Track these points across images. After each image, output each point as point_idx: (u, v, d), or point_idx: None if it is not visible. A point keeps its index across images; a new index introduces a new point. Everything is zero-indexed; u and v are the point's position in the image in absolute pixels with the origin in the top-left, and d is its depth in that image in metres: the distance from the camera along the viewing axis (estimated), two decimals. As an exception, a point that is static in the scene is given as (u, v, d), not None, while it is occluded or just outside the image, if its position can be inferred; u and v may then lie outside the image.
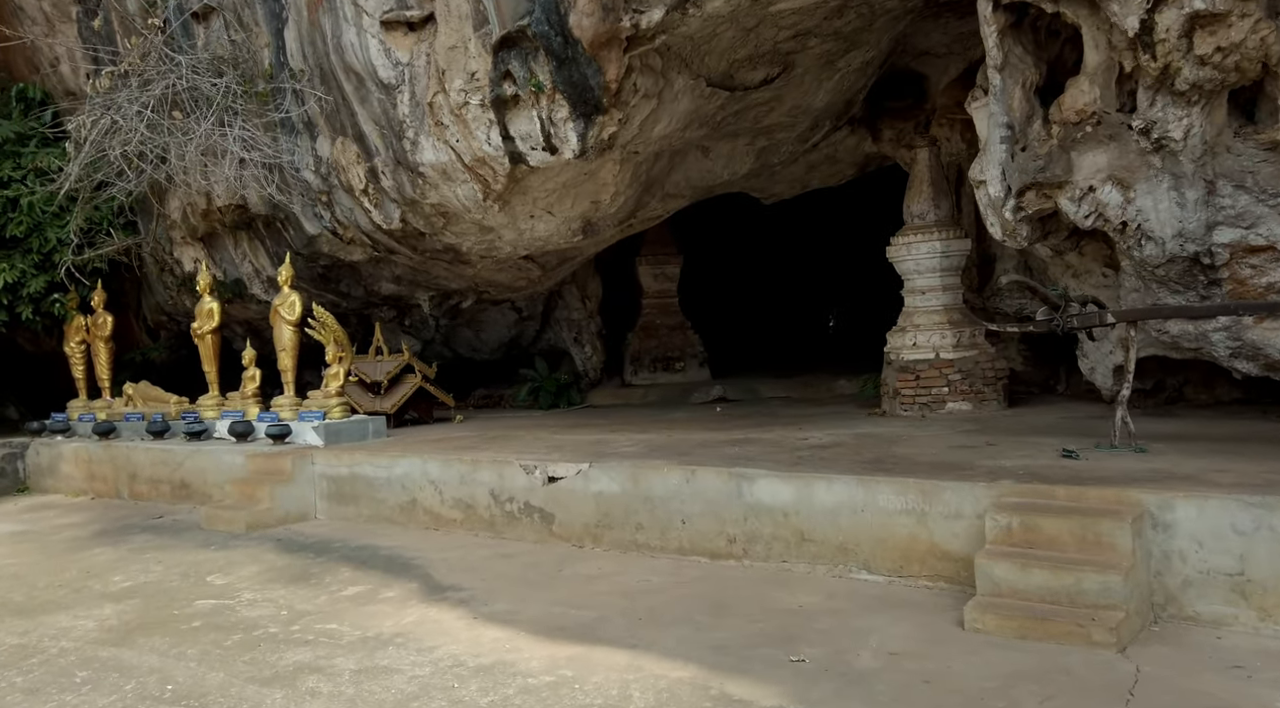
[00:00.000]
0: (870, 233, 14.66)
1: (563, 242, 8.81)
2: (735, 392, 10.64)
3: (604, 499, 6.02)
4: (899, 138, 9.11)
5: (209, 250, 10.68)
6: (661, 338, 11.73)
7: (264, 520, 7.34)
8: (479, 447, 7.54)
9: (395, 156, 8.26)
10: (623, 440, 7.44)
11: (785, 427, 7.65)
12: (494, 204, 8.19)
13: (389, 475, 7.19)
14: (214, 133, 9.00)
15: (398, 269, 10.22)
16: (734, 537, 5.44)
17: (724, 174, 8.97)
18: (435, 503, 6.93)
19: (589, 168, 7.83)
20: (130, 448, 9.14)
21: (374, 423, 8.54)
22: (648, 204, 8.93)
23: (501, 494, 6.55)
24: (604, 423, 9.03)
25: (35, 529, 8.05)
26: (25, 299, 10.39)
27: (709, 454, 6.30)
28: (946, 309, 7.80)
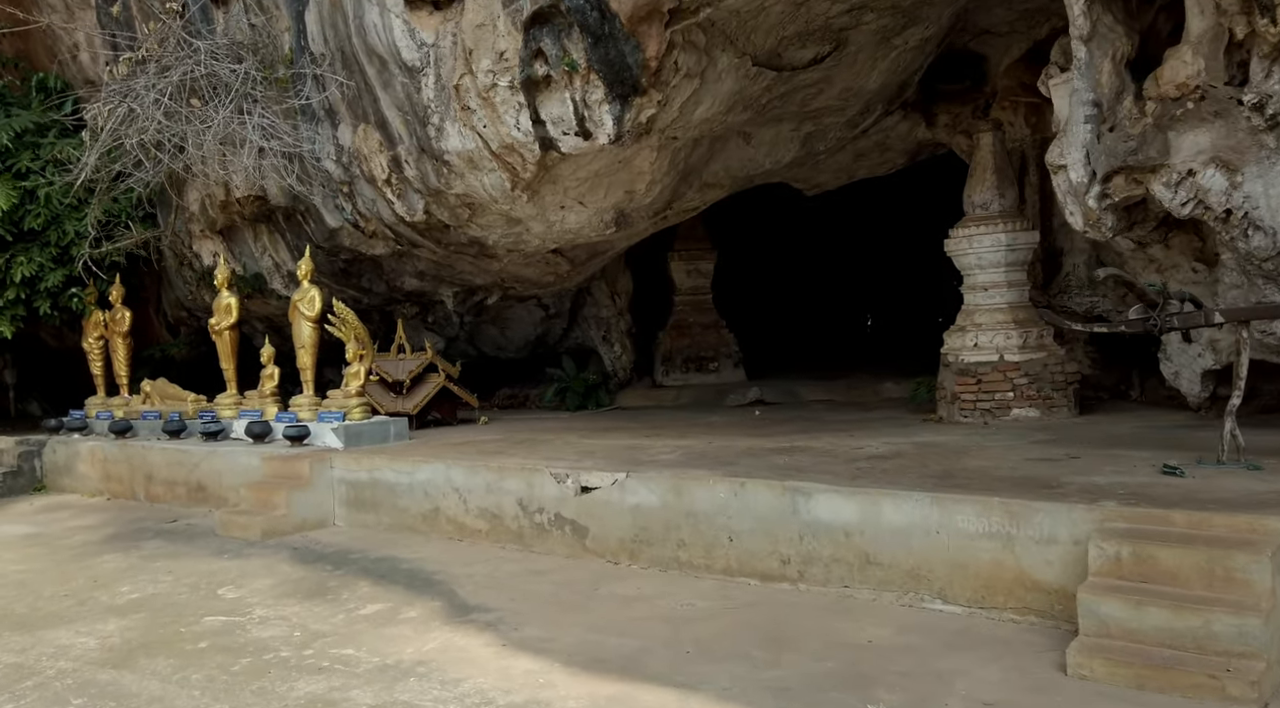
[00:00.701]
0: (911, 227, 14.12)
1: (594, 234, 8.32)
2: (773, 394, 10.10)
3: (642, 513, 5.53)
4: (955, 123, 8.51)
5: (228, 244, 10.34)
6: (694, 337, 11.21)
7: (280, 527, 6.94)
8: (506, 452, 7.08)
9: (419, 144, 7.83)
10: (659, 447, 6.95)
11: (835, 434, 7.11)
12: (522, 194, 7.73)
13: (411, 482, 6.76)
14: (233, 121, 8.63)
15: (421, 264, 9.81)
16: (788, 558, 4.92)
17: (766, 162, 8.43)
18: (459, 512, 6.48)
19: (624, 155, 7.34)
20: (146, 448, 8.81)
21: (395, 425, 8.12)
22: (684, 194, 8.42)
23: (531, 505, 6.08)
24: (636, 427, 8.54)
25: (47, 532, 7.72)
26: (43, 293, 10.12)
27: (756, 464, 5.78)
28: (1011, 307, 7.21)
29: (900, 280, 15.04)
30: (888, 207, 13.27)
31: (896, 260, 14.71)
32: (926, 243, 14.11)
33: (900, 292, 15.48)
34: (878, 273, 15.55)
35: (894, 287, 15.35)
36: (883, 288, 15.92)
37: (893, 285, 15.39)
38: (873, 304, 16.48)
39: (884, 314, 16.44)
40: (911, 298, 15.60)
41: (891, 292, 15.64)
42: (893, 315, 15.89)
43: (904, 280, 14.85)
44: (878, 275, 15.62)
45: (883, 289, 15.96)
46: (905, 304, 15.63)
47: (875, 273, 15.57)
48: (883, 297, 16.23)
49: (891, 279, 15.30)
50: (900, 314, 15.80)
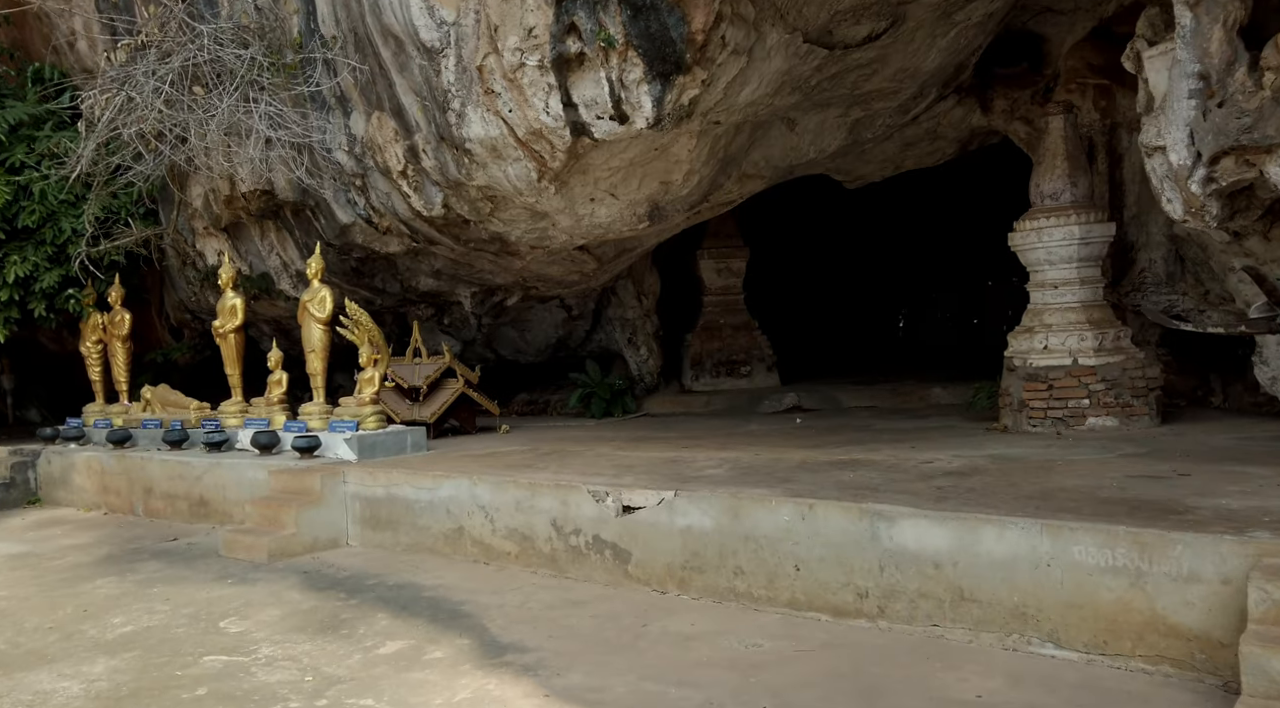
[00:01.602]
0: (952, 223, 13.52)
1: (625, 229, 7.74)
2: (811, 400, 9.49)
3: (694, 536, 4.94)
4: (1013, 109, 7.91)
5: (233, 242, 9.80)
6: (725, 339, 10.61)
7: (289, 548, 6.37)
8: (534, 465, 6.50)
9: (438, 132, 7.26)
10: (702, 460, 6.36)
11: (893, 445, 6.51)
12: (550, 185, 7.15)
13: (432, 499, 6.18)
14: (238, 110, 8.08)
15: (438, 262, 9.24)
16: (865, 591, 4.32)
17: (810, 151, 7.84)
18: (486, 533, 5.90)
19: (661, 141, 6.76)
20: (145, 459, 8.26)
21: (413, 434, 7.55)
22: (722, 186, 7.83)
23: (566, 525, 5.49)
24: (671, 436, 7.95)
25: (38, 551, 7.17)
26: (38, 294, 9.59)
27: (817, 481, 5.19)
28: (1085, 306, 6.59)
29: (938, 279, 14.43)
30: (926, 201, 12.64)
31: (934, 258, 14.09)
32: (970, 239, 13.61)
33: (929, 292, 14.87)
34: (913, 272, 14.90)
35: (931, 286, 14.71)
36: (918, 288, 15.27)
37: (929, 285, 14.75)
38: (906, 305, 15.83)
39: (918, 315, 15.80)
40: (942, 299, 15.00)
41: (928, 292, 15.00)
42: (923, 317, 15.27)
43: (942, 279, 14.25)
44: (913, 274, 14.96)
45: (918, 289, 15.31)
46: (941, 305, 15.02)
47: (910, 272, 14.92)
48: (917, 297, 15.59)
49: (928, 278, 14.67)
50: (931, 316, 15.20)
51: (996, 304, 14.23)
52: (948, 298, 15.13)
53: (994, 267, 14.65)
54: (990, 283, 14.48)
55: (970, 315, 14.99)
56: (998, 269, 14.72)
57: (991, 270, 14.49)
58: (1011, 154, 8.78)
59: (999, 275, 14.61)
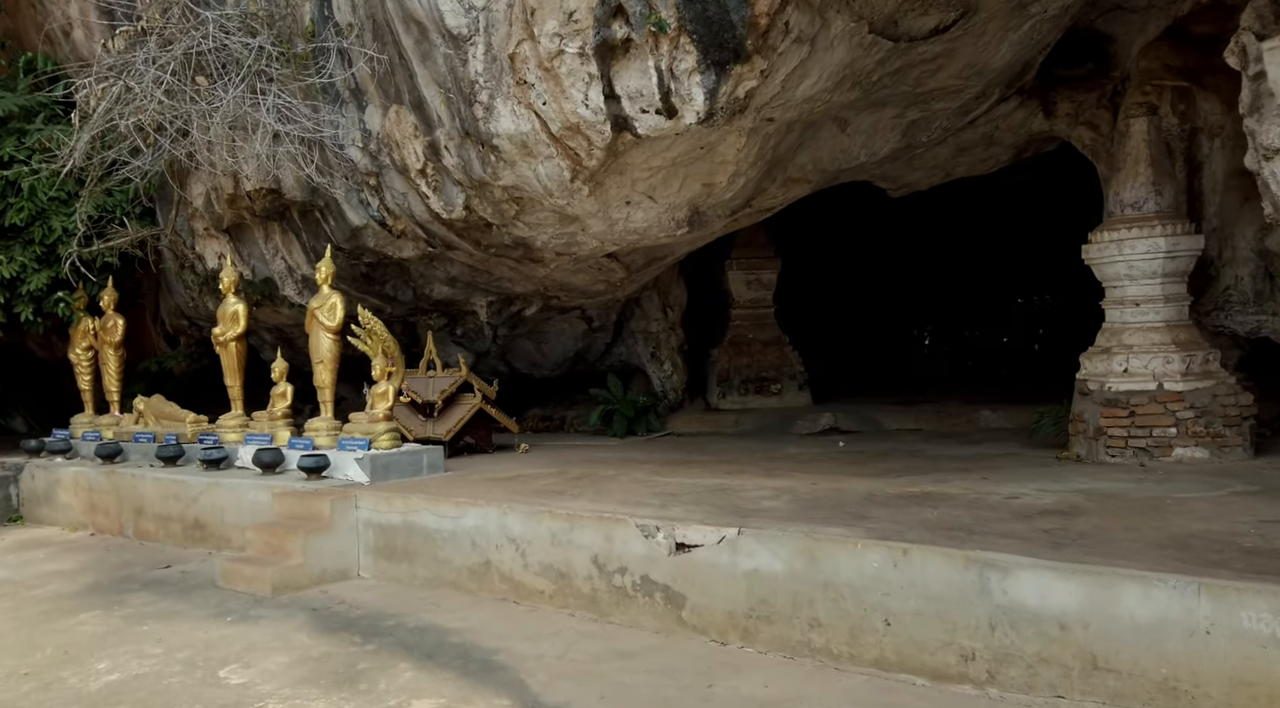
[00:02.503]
0: (979, 238, 13.01)
1: (662, 235, 7.19)
2: (848, 421, 8.92)
3: (762, 581, 4.35)
4: (1077, 113, 7.39)
5: (235, 244, 9.21)
6: (754, 355, 10.04)
7: (295, 580, 5.75)
8: (566, 491, 5.91)
9: (462, 127, 6.71)
10: (752, 488, 5.77)
11: (961, 476, 5.94)
12: (583, 186, 6.59)
13: (455, 528, 5.57)
14: (244, 102, 7.51)
15: (454, 269, 8.67)
16: (971, 652, 3.73)
17: (861, 155, 7.31)
18: (516, 568, 5.29)
19: (708, 139, 6.21)
20: (137, 477, 7.63)
21: (429, 454, 6.94)
22: (766, 190, 7.29)
23: (609, 563, 4.90)
24: (707, 459, 7.36)
25: (16, 578, 6.53)
26: (25, 297, 8.97)
27: (897, 519, 4.61)
28: (1169, 325, 6.05)
29: (966, 296, 13.90)
30: (959, 214, 12.11)
31: (963, 273, 13.55)
32: (1000, 254, 13.11)
33: (955, 309, 14.33)
34: (941, 287, 14.35)
35: (948, 304, 14.17)
36: (944, 304, 14.72)
37: (956, 302, 14.21)
38: (927, 322, 15.29)
39: (940, 333, 15.25)
40: (969, 316, 14.46)
41: (945, 309, 14.45)
42: (950, 335, 14.73)
43: (970, 296, 13.72)
44: (940, 290, 14.41)
45: (944, 305, 14.77)
46: (960, 322, 14.49)
47: (938, 287, 14.38)
48: (943, 314, 15.04)
49: (955, 295, 14.12)
50: (956, 333, 14.66)
51: (1027, 322, 13.75)
52: (975, 315, 14.62)
53: (1024, 284, 14.17)
54: (1020, 300, 13.99)
55: (999, 334, 14.47)
56: (1028, 286, 14.24)
57: (1021, 288, 14.02)
58: (1072, 162, 8.28)
59: (1029, 293, 14.13)
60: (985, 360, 14.13)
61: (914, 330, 15.12)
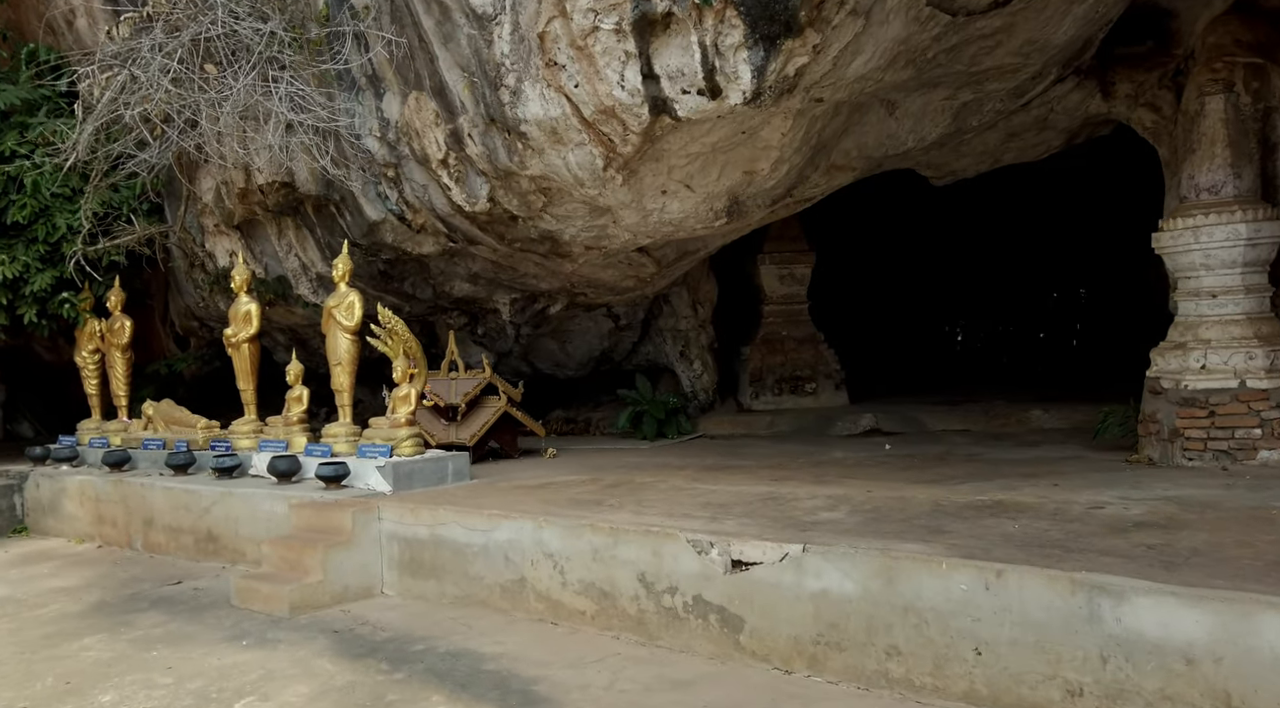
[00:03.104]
0: (1016, 230, 12.55)
1: (700, 226, 6.77)
2: (890, 422, 8.49)
3: (831, 604, 3.93)
4: (1137, 93, 6.94)
5: (247, 241, 8.83)
6: (788, 353, 9.62)
7: (314, 599, 5.37)
8: (604, 501, 5.50)
9: (487, 113, 6.31)
10: (804, 497, 5.36)
11: (1029, 481, 5.51)
12: (616, 174, 6.19)
13: (487, 542, 5.18)
14: (255, 90, 7.13)
15: (476, 265, 8.28)
16: (1079, 687, 3.31)
17: (908, 140, 6.88)
18: (554, 586, 4.89)
19: (751, 123, 5.80)
20: (146, 486, 7.26)
21: (454, 462, 6.55)
22: (808, 178, 6.87)
23: (657, 582, 4.49)
24: (748, 464, 6.95)
25: (18, 596, 6.17)
26: (29, 298, 8.62)
27: (976, 533, 4.19)
28: (1250, 318, 5.60)
29: (1000, 290, 13.43)
30: (995, 205, 11.64)
31: (999, 267, 13.07)
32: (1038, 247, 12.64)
33: (989, 305, 13.86)
34: (976, 281, 13.86)
35: (992, 297, 13.68)
36: (979, 298, 14.24)
37: (992, 296, 13.73)
38: (960, 319, 14.81)
39: (973, 329, 14.78)
40: (1005, 312, 13.97)
41: (989, 303, 13.96)
42: (983, 331, 14.27)
43: (1004, 290, 13.26)
44: (975, 284, 13.93)
45: (979, 299, 14.29)
46: (997, 319, 14.03)
47: (973, 280, 13.89)
48: (970, 310, 14.57)
49: (990, 288, 13.64)
50: (991, 330, 14.21)
51: (1063, 317, 13.28)
52: (1008, 310, 14.15)
53: (1059, 277, 13.69)
54: (1055, 294, 13.52)
55: (1035, 329, 14.00)
56: (1063, 280, 13.75)
57: (1056, 281, 13.54)
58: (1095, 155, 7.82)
59: (1064, 287, 13.66)
60: (1021, 356, 13.67)
61: (945, 326, 14.65)
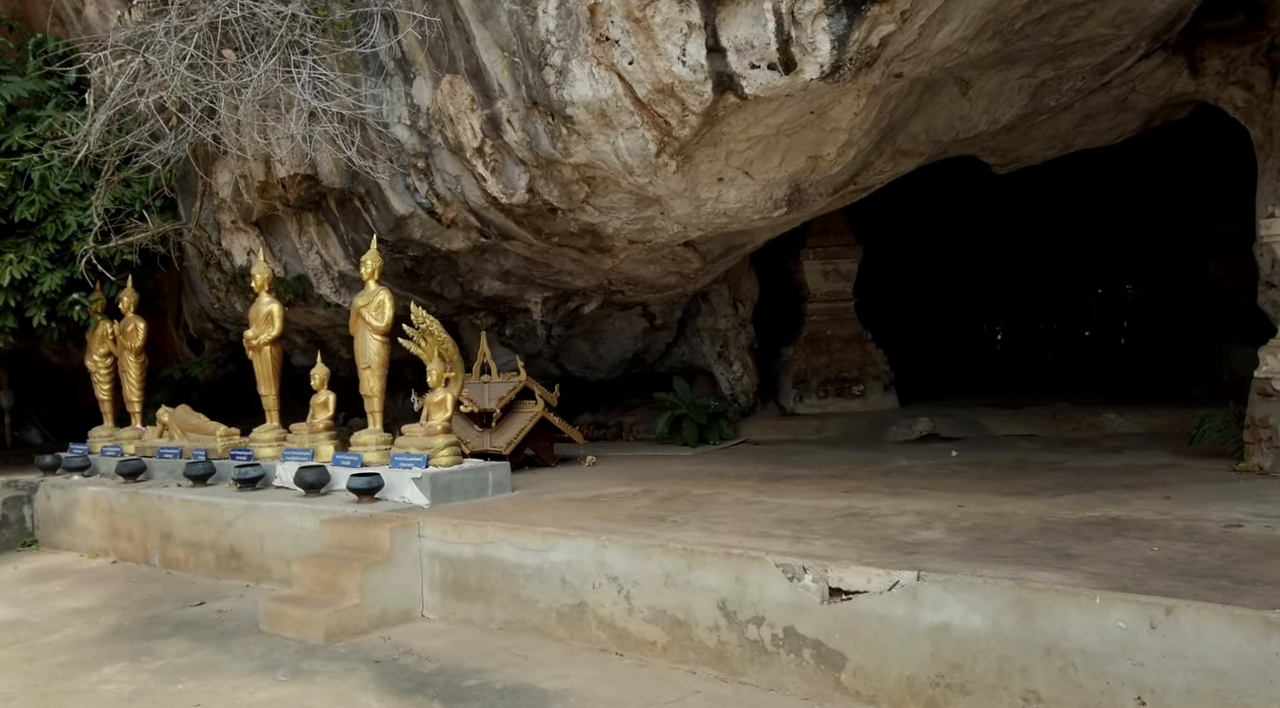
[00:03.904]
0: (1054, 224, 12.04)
1: (757, 216, 6.29)
2: (948, 427, 7.99)
3: (954, 640, 3.44)
4: (1228, 70, 6.45)
5: (266, 238, 8.38)
6: (833, 353, 9.13)
7: (352, 624, 4.90)
8: (666, 516, 5.02)
9: (529, 96, 5.84)
10: (889, 512, 4.87)
11: (1135, 493, 5.01)
12: (670, 161, 5.71)
13: (541, 564, 4.70)
14: (276, 77, 6.68)
15: (508, 262, 7.81)
16: (1270, 742, 2.82)
17: (981, 122, 6.39)
18: (619, 613, 4.41)
19: (821, 102, 5.31)
20: (163, 498, 6.81)
21: (494, 472, 6.08)
22: (873, 164, 6.39)
23: (741, 611, 4.01)
24: (809, 473, 6.46)
25: (30, 619, 5.71)
26: (38, 300, 8.18)
27: (1113, 558, 3.70)
28: (1375, 313, 5.10)
29: (1043, 286, 12.91)
30: (1040, 197, 11.12)
31: (1043, 261, 12.54)
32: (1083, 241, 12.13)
33: (1051, 299, 13.27)
34: (1018, 276, 13.31)
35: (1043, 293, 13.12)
36: (1027, 295, 13.68)
37: (1033, 292, 13.20)
38: (999, 317, 14.27)
39: (1012, 328, 14.24)
40: (1062, 307, 13.38)
41: (1038, 299, 13.40)
42: (1023, 330, 13.75)
43: (1048, 285, 12.75)
44: (1018, 279, 13.38)
45: (1027, 296, 13.72)
46: (1053, 314, 13.47)
47: (1015, 276, 13.34)
48: (1008, 308, 14.03)
49: (1033, 284, 13.11)
50: (1031, 329, 13.69)
51: (1108, 315, 12.77)
52: (1050, 308, 13.63)
53: (1104, 274, 13.16)
54: (1100, 290, 13.00)
55: (1079, 327, 13.47)
56: (1108, 277, 13.22)
57: (1101, 278, 13.01)
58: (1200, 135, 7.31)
59: (1109, 284, 13.13)
60: (1065, 356, 13.15)
61: (983, 324, 14.13)
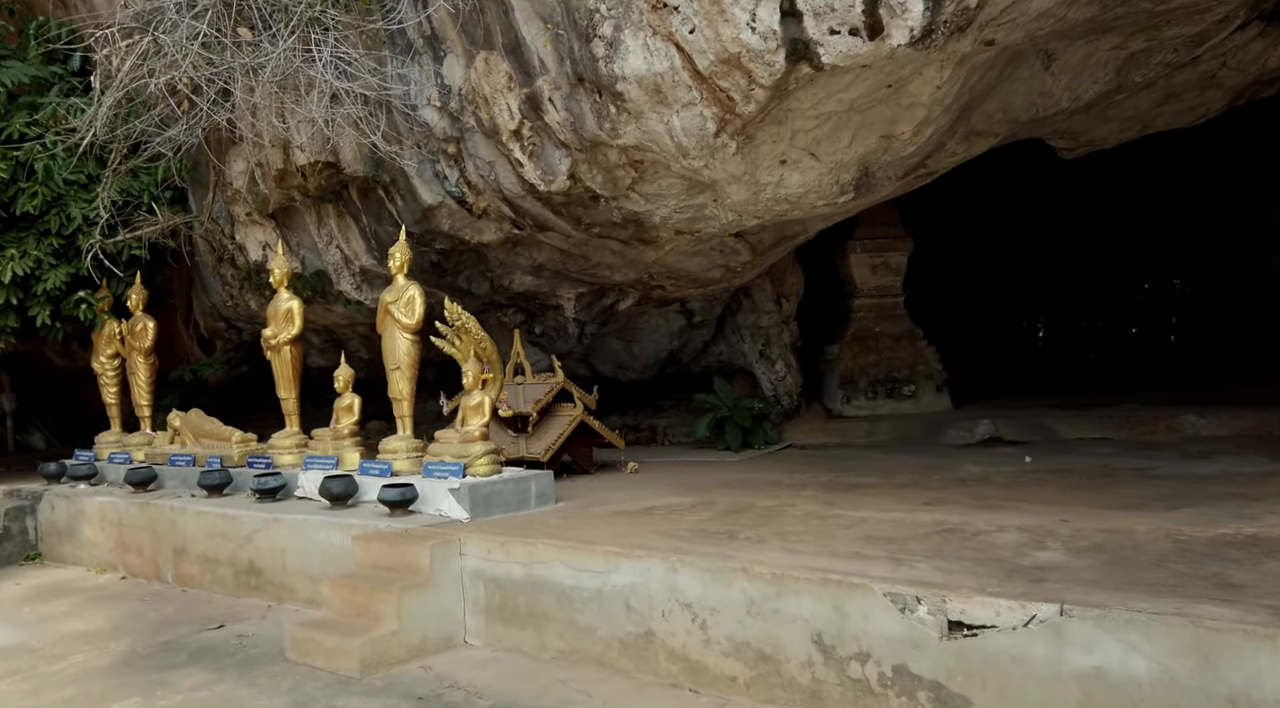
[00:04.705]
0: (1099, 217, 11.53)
1: (820, 203, 5.79)
2: (1012, 430, 7.48)
3: (1110, 688, 2.95)
4: (1330, 42, 5.91)
5: (282, 232, 7.91)
6: (882, 352, 8.62)
7: (390, 653, 4.41)
8: (736, 533, 4.53)
9: (574, 71, 5.36)
10: (988, 528, 4.37)
11: (1260, 505, 4.52)
12: (730, 141, 5.22)
13: (602, 587, 4.21)
14: (295, 56, 6.21)
15: (542, 255, 7.33)
16: None
17: (1062, 99, 5.89)
18: (694, 644, 3.92)
19: (900, 75, 4.82)
20: (176, 510, 6.33)
21: (537, 482, 5.58)
22: (944, 145, 5.89)
23: (841, 645, 3.51)
24: (879, 482, 5.96)
25: (34, 644, 5.23)
26: (41, 298, 7.72)
27: (1264, 582, 3.20)
28: None
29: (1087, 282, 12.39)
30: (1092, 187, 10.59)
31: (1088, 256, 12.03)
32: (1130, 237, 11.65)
33: (1095, 296, 12.74)
34: (1063, 272, 12.79)
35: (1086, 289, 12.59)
36: (1070, 290, 13.15)
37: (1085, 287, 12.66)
38: (1041, 314, 13.73)
39: (1057, 325, 13.69)
40: (1106, 304, 12.85)
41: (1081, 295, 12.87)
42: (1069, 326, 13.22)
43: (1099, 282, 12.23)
44: (1062, 275, 12.85)
45: (1070, 292, 13.19)
46: (1097, 310, 12.93)
47: (1060, 272, 12.81)
48: (1051, 305, 13.49)
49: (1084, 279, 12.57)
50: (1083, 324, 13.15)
51: (1155, 312, 12.25)
52: (1094, 304, 13.10)
53: (1151, 269, 12.63)
54: (1146, 286, 12.47)
55: (1125, 324, 12.95)
56: (1154, 272, 12.69)
57: (1147, 274, 12.48)
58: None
59: (1156, 279, 12.60)
60: (1110, 353, 12.64)
61: (1023, 321, 13.60)
